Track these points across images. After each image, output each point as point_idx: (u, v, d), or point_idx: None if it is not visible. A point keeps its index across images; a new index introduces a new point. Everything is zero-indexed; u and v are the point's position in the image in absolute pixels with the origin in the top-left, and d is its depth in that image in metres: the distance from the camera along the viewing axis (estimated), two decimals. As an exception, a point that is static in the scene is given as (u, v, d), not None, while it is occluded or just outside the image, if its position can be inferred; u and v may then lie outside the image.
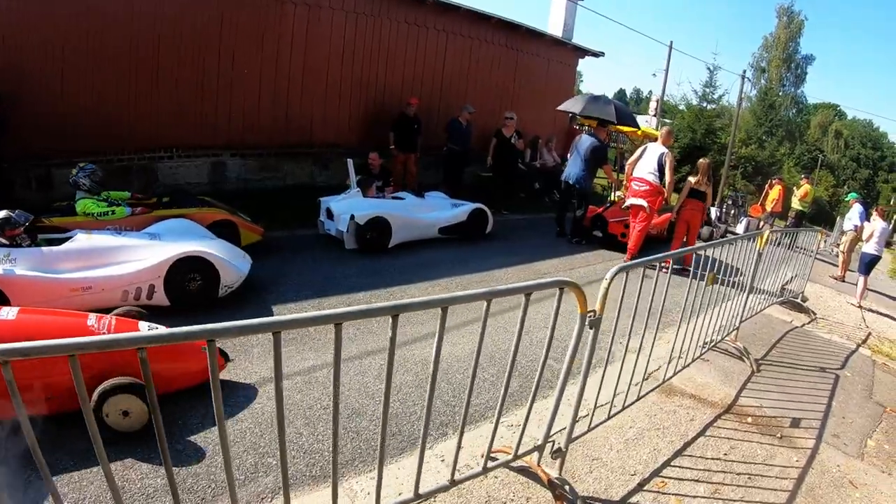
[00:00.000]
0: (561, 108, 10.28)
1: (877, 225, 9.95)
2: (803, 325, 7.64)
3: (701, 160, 9.08)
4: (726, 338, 5.72)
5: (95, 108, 7.83)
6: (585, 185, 9.20)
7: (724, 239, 6.09)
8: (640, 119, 30.55)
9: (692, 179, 8.77)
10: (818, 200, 28.92)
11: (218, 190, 9.05)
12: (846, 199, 13.48)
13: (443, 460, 3.43)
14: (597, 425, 3.71)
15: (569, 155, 9.48)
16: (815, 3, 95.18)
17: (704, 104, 23.04)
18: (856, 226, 11.82)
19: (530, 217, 11.11)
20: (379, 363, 4.63)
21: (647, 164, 8.43)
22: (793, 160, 42.85)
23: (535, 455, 3.32)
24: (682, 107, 23.88)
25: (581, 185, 9.14)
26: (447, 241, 8.44)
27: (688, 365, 4.93)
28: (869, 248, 9.93)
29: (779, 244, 7.44)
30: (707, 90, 23.17)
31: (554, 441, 3.32)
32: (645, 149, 8.58)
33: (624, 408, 3.94)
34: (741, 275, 6.01)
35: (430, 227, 8.17)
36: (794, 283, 8.56)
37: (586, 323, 2.89)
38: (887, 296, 11.79)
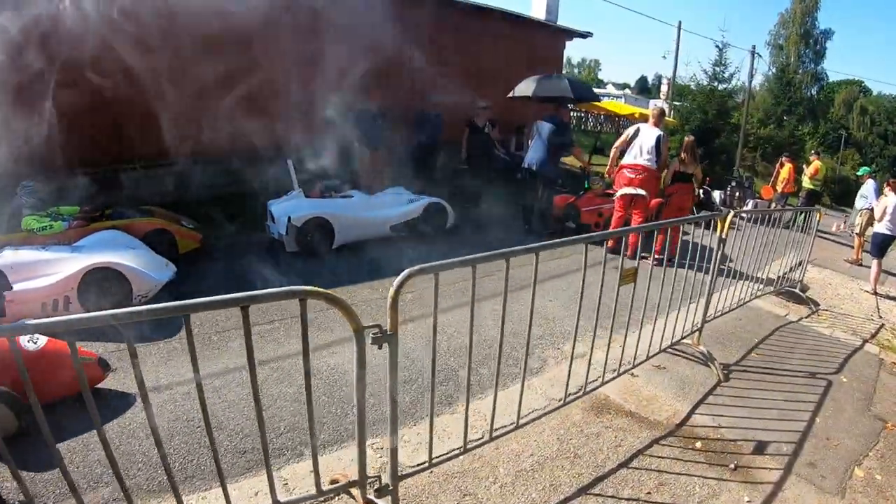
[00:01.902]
0: (512, 94, 9.35)
1: (889, 201, 8.85)
2: (800, 319, 6.66)
3: (685, 138, 8.19)
4: (684, 341, 4.83)
5: (57, 122, 7.33)
6: (550, 170, 8.35)
7: (668, 221, 5.14)
8: (652, 103, 29.59)
9: (676, 161, 7.87)
10: (844, 180, 27.38)
11: (183, 199, 8.66)
12: (858, 175, 12.32)
13: (286, 484, 2.97)
14: (442, 461, 2.97)
15: (530, 140, 8.64)
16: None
17: (715, 83, 21.76)
18: (870, 204, 10.72)
19: (507, 209, 10.21)
20: (264, 374, 4.12)
21: (643, 148, 7.52)
22: (817, 139, 41.07)
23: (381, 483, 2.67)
24: (692, 86, 22.63)
25: (545, 172, 8.29)
26: (401, 240, 7.77)
27: (613, 378, 4.12)
28: (881, 227, 8.85)
29: (769, 226, 6.51)
30: (717, 69, 21.87)
31: (380, 477, 2.66)
32: (637, 131, 7.62)
33: (492, 438, 3.14)
34: (730, 262, 5.14)
35: (380, 225, 7.69)
36: (793, 269, 7.60)
37: (368, 342, 2.27)
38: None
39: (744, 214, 7.99)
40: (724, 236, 4.78)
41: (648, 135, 7.47)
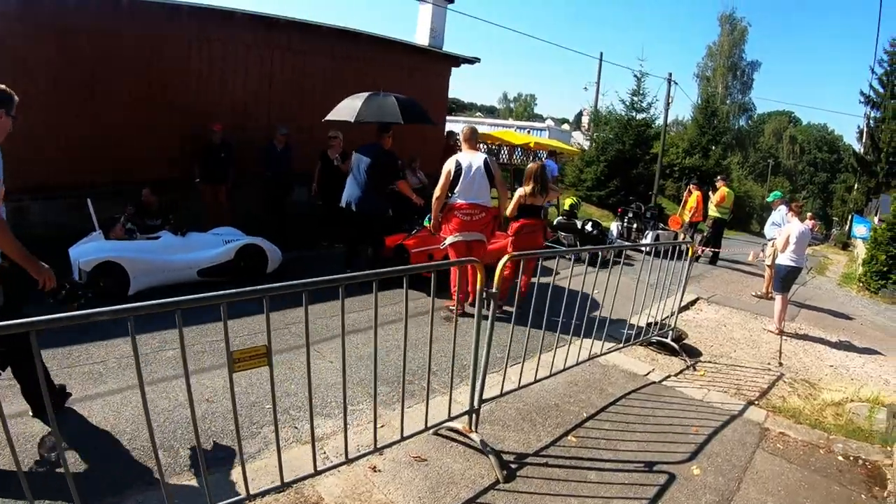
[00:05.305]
0: (329, 118, 7.91)
1: (793, 228, 7.66)
2: (666, 377, 5.26)
3: (529, 165, 6.87)
4: (450, 424, 3.44)
5: None
6: (372, 209, 6.96)
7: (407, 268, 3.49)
8: (572, 136, 29.05)
9: (521, 192, 6.51)
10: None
11: (19, 238, 7.29)
12: (769, 200, 11.28)
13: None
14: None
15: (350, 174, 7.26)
16: (759, 8, 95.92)
17: (633, 113, 21.12)
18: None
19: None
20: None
21: (479, 183, 6.05)
22: (747, 168, 41.42)
23: None
24: (607, 115, 22.03)
25: (366, 209, 6.92)
26: (212, 286, 6.37)
27: (341, 464, 3.03)
28: (784, 258, 7.62)
29: (614, 264, 5.22)
30: (635, 99, 21.25)
31: None
32: (458, 164, 6.06)
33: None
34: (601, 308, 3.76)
35: (184, 269, 6.81)
36: (673, 314, 6.30)
37: None
38: (830, 312, 9.51)
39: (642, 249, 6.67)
40: (494, 289, 3.39)
41: (474, 163, 6.04)
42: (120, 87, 8.53)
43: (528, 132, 23.00)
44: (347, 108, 7.43)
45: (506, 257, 3.52)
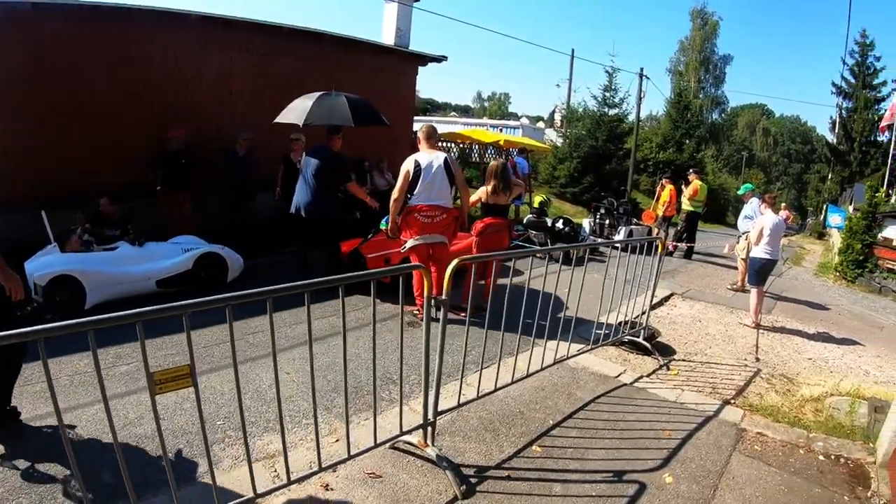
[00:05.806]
0: (278, 120, 7.56)
1: (766, 220, 7.50)
2: (638, 378, 5.04)
3: (490, 163, 6.65)
4: (404, 438, 3.23)
5: None
6: (322, 212, 6.69)
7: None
8: (546, 133, 29.05)
9: (483, 191, 6.28)
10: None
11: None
12: (740, 193, 11.17)
13: None
14: None
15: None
16: (730, 3, 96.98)
17: (606, 109, 21.04)
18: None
19: (320, 256, 8.55)
20: None
21: (440, 183, 5.73)
22: (721, 161, 41.78)
23: None
24: (580, 111, 21.95)
25: (317, 213, 6.66)
26: (174, 296, 6.03)
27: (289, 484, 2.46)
28: (759, 251, 7.46)
29: (578, 262, 5.00)
30: (607, 94, 21.17)
31: None
32: (417, 164, 5.70)
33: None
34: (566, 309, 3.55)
35: (142, 280, 6.58)
36: (642, 311, 6.09)
37: None
38: (807, 303, 9.39)
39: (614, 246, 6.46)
40: (444, 295, 3.17)
41: (434, 162, 5.74)
42: (75, 93, 8.21)
43: (502, 131, 22.87)
44: (297, 110, 7.10)
45: (456, 260, 3.27)
